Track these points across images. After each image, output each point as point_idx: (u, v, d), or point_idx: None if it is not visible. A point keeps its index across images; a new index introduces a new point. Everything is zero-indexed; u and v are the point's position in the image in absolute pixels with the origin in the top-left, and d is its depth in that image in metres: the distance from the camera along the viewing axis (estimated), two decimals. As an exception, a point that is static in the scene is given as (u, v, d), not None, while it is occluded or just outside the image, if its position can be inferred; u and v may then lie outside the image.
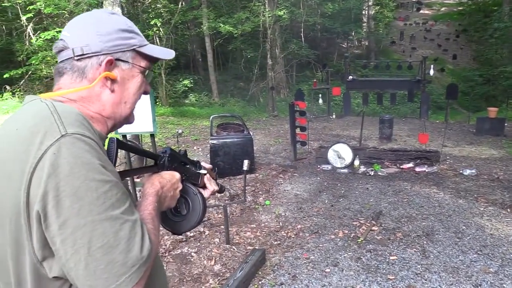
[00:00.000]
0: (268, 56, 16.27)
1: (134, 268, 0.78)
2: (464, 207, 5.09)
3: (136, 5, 17.28)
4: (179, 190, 1.08)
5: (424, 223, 4.63)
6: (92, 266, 0.74)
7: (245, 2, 18.30)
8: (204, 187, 1.22)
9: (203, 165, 1.24)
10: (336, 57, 22.49)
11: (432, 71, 14.48)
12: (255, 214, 5.13)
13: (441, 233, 4.36)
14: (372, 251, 3.99)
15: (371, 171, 6.85)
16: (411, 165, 7.01)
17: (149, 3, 15.99)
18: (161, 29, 15.24)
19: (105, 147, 0.91)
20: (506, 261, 3.70)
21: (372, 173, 6.78)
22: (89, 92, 0.92)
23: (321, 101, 15.34)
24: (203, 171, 1.22)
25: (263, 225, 4.76)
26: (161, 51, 1.04)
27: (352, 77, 13.95)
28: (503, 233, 4.30)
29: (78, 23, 0.94)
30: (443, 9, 33.52)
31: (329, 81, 15.12)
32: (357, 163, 7.06)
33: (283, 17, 15.93)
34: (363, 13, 24.71)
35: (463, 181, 6.21)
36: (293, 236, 4.42)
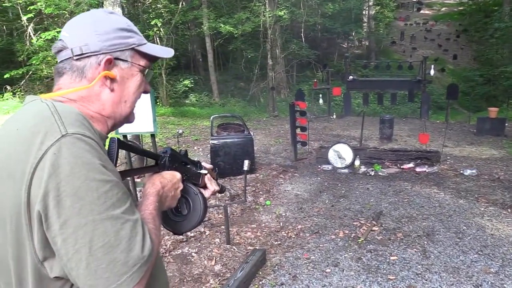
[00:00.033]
0: (268, 56, 16.27)
1: (135, 267, 0.77)
2: (464, 207, 5.09)
3: (136, 5, 17.30)
4: (180, 190, 1.08)
5: (424, 223, 4.63)
6: (93, 265, 0.74)
7: (246, 2, 18.30)
8: (204, 187, 1.22)
9: (204, 165, 1.24)
10: (336, 57, 22.50)
11: (432, 71, 14.48)
12: (256, 214, 5.13)
13: (442, 233, 4.35)
14: (372, 251, 3.99)
15: (371, 171, 6.85)
16: (411, 165, 7.01)
17: (149, 3, 16.00)
18: (161, 29, 15.25)
19: (106, 147, 0.91)
20: (506, 261, 3.70)
21: (372, 173, 6.77)
22: (88, 91, 0.92)
23: (321, 101, 15.34)
24: (203, 171, 1.22)
25: (263, 225, 4.76)
26: (160, 50, 1.04)
27: (352, 77, 13.95)
28: (503, 233, 4.30)
29: (76, 23, 0.94)
30: (444, 9, 33.52)
31: (330, 81, 15.12)
32: (357, 163, 7.06)
33: (284, 17, 15.94)
34: (364, 13, 24.72)
35: (463, 181, 6.20)
36: (294, 236, 4.42)
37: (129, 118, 1.02)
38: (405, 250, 3.99)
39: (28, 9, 11.82)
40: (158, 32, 15.26)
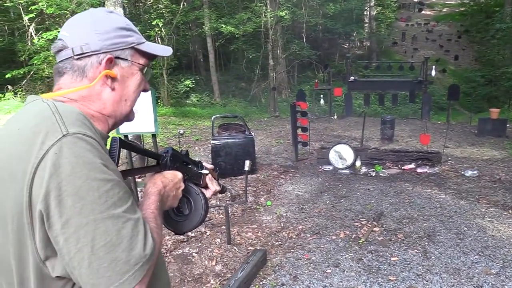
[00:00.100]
0: (269, 56, 16.27)
1: (137, 266, 0.78)
2: (465, 208, 5.08)
3: (138, 6, 17.34)
4: (181, 189, 1.08)
5: (425, 224, 4.62)
6: (95, 264, 0.74)
7: (247, 2, 18.31)
8: (206, 187, 1.22)
9: (205, 165, 1.24)
10: (337, 57, 22.51)
11: (433, 72, 14.46)
12: (256, 214, 5.13)
13: (443, 234, 4.35)
14: (373, 252, 3.98)
15: (372, 172, 6.85)
16: (412, 166, 7.01)
17: (151, 3, 16.02)
18: (163, 29, 15.26)
19: (107, 146, 0.91)
20: (507, 262, 3.69)
21: (373, 174, 6.77)
22: (89, 91, 0.93)
23: (322, 101, 15.34)
24: (205, 171, 1.22)
25: (264, 225, 4.76)
26: (158, 48, 1.05)
27: (353, 77, 13.95)
28: (504, 235, 4.29)
29: (76, 23, 0.94)
30: (445, 9, 33.49)
31: (331, 82, 15.13)
32: (358, 164, 7.06)
33: (285, 17, 15.94)
34: (365, 13, 24.71)
35: (464, 182, 6.20)
36: (294, 236, 4.42)
37: (129, 116, 1.03)
38: (406, 251, 3.98)
39: (29, 9, 11.84)
40: (159, 32, 15.27)
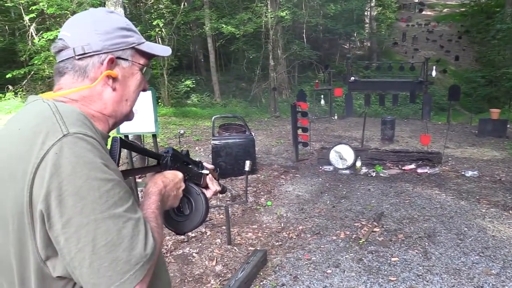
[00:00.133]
0: (270, 57, 16.27)
1: (138, 265, 0.78)
2: (466, 209, 5.08)
3: (138, 6, 17.35)
4: (182, 189, 1.08)
5: (425, 225, 4.62)
6: (96, 264, 0.74)
7: (247, 3, 18.31)
8: (206, 187, 1.22)
9: (205, 165, 1.24)
10: (338, 58, 22.50)
11: (434, 72, 14.46)
12: (257, 214, 5.13)
13: (443, 234, 4.35)
14: (373, 252, 3.98)
15: (373, 172, 6.84)
16: (413, 166, 7.00)
17: (151, 3, 16.02)
18: (163, 29, 15.26)
19: (108, 146, 0.92)
20: (508, 263, 3.69)
21: (374, 174, 6.77)
22: (91, 91, 0.93)
23: (323, 102, 15.33)
24: (205, 171, 1.22)
25: (264, 225, 4.76)
26: (158, 48, 1.05)
27: (354, 78, 13.95)
28: (505, 235, 4.29)
29: (77, 22, 0.94)
30: (446, 10, 33.49)
31: (331, 82, 15.12)
32: (359, 164, 7.05)
33: (285, 18, 15.94)
34: (365, 14, 24.72)
35: (465, 183, 6.19)
36: (295, 237, 4.42)
37: (129, 116, 1.03)
38: (406, 251, 3.98)
39: (30, 9, 11.86)
40: (160, 32, 15.28)
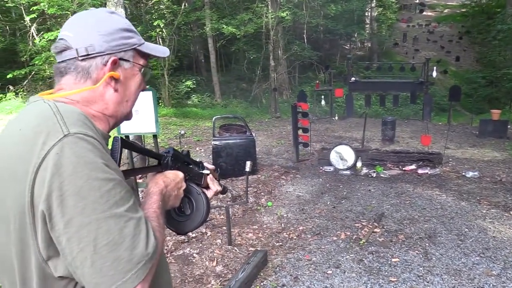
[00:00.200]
0: (270, 57, 16.27)
1: (139, 264, 0.78)
2: (466, 210, 5.08)
3: (139, 6, 17.34)
4: (183, 189, 1.08)
5: (426, 225, 4.62)
6: (98, 263, 0.74)
7: (248, 3, 18.31)
8: (207, 187, 1.22)
9: (206, 165, 1.25)
10: (338, 58, 22.51)
11: (435, 73, 14.45)
12: (257, 215, 5.13)
13: (444, 235, 4.34)
14: (374, 253, 3.98)
15: (373, 173, 6.84)
16: (413, 167, 7.00)
17: (152, 4, 16.02)
18: (164, 30, 15.27)
19: (109, 146, 0.92)
20: (508, 263, 3.69)
21: (374, 175, 6.77)
22: (93, 92, 0.93)
23: (323, 102, 15.33)
24: (206, 171, 1.22)
25: (265, 226, 4.75)
26: (157, 49, 1.06)
27: (354, 78, 13.94)
28: (505, 236, 4.29)
29: (78, 23, 0.94)
30: (446, 10, 33.49)
31: (332, 83, 15.12)
32: (359, 164, 7.05)
33: (286, 18, 15.94)
34: (366, 14, 24.72)
35: (465, 183, 6.19)
36: (295, 237, 4.42)
37: (128, 116, 1.04)
38: (407, 252, 3.98)
39: (31, 10, 11.87)
40: (160, 33, 15.29)
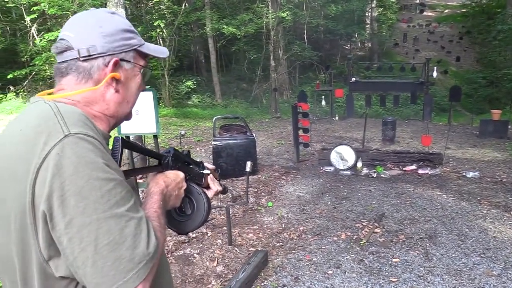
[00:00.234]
0: (271, 57, 16.28)
1: (141, 264, 0.78)
2: (467, 210, 5.07)
3: (139, 6, 17.35)
4: (183, 189, 1.08)
5: (427, 226, 4.62)
6: (99, 263, 0.74)
7: (248, 3, 18.33)
8: (207, 187, 1.22)
9: (206, 165, 1.25)
10: (339, 58, 22.51)
11: (435, 73, 14.44)
12: (258, 215, 5.13)
13: (444, 235, 4.34)
14: (374, 253, 3.98)
15: (373, 173, 6.84)
16: (414, 167, 7.00)
17: (152, 4, 16.04)
18: (164, 30, 15.28)
19: (109, 146, 0.92)
20: (509, 264, 3.68)
21: (374, 175, 6.76)
22: (94, 92, 0.93)
23: (324, 102, 15.33)
24: (206, 171, 1.22)
25: (265, 226, 4.75)
26: (158, 50, 1.06)
27: (355, 79, 13.95)
28: (506, 236, 4.28)
29: (79, 23, 0.94)
30: (447, 11, 33.49)
31: (332, 83, 15.12)
32: (359, 165, 7.05)
33: (286, 18, 15.95)
34: (366, 15, 24.73)
35: (466, 184, 6.19)
36: (296, 237, 4.42)
37: (128, 116, 1.04)
38: (407, 252, 3.98)
39: (31, 10, 11.89)
40: (161, 33, 15.31)
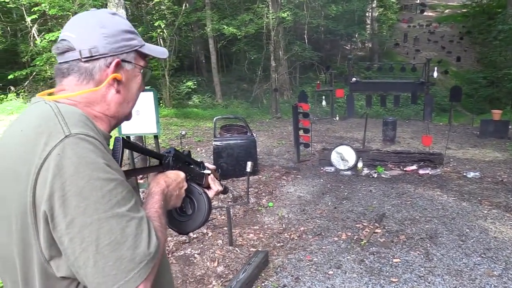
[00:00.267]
0: (271, 58, 16.28)
1: (142, 264, 0.78)
2: (467, 210, 5.07)
3: (140, 7, 17.36)
4: (184, 189, 1.08)
5: (427, 226, 4.61)
6: (100, 263, 0.74)
7: (249, 4, 18.33)
8: (208, 187, 1.23)
9: (207, 165, 1.25)
10: (339, 59, 22.51)
11: (435, 73, 14.44)
12: (258, 215, 5.13)
13: (445, 235, 4.34)
14: (375, 253, 3.98)
15: (374, 173, 6.84)
16: (414, 167, 6.99)
17: (153, 4, 16.05)
18: (165, 30, 15.29)
19: (110, 146, 0.92)
20: (510, 264, 3.68)
21: (375, 176, 6.76)
22: (95, 93, 0.93)
23: (324, 103, 15.33)
24: (207, 171, 1.22)
25: (266, 226, 4.75)
26: (158, 50, 1.07)
27: (355, 79, 13.94)
28: (507, 236, 4.28)
29: (80, 24, 0.94)
30: (447, 11, 33.49)
31: (333, 83, 15.11)
32: (360, 165, 7.05)
33: (287, 19, 15.95)
34: (367, 15, 24.74)
35: (466, 184, 6.18)
36: (296, 238, 4.42)
37: (128, 116, 1.05)
38: (408, 252, 3.98)
39: (32, 10, 11.89)
40: (161, 33, 15.31)
